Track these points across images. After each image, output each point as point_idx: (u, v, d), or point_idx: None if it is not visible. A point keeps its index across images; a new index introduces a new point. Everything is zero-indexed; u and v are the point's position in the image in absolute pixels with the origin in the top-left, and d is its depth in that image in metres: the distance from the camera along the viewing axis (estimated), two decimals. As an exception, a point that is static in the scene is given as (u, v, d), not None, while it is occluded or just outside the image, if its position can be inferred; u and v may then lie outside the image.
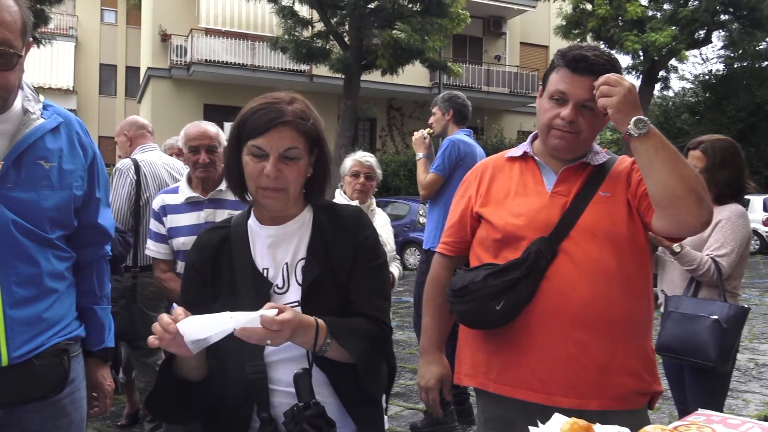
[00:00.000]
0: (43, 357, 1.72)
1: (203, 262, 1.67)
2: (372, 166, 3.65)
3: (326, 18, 15.32)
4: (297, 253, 1.63)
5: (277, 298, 1.59)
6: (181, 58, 19.76)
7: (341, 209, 1.70)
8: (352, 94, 15.56)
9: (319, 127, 1.61)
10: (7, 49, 1.57)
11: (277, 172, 1.53)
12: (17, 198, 1.67)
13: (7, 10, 1.56)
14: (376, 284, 1.65)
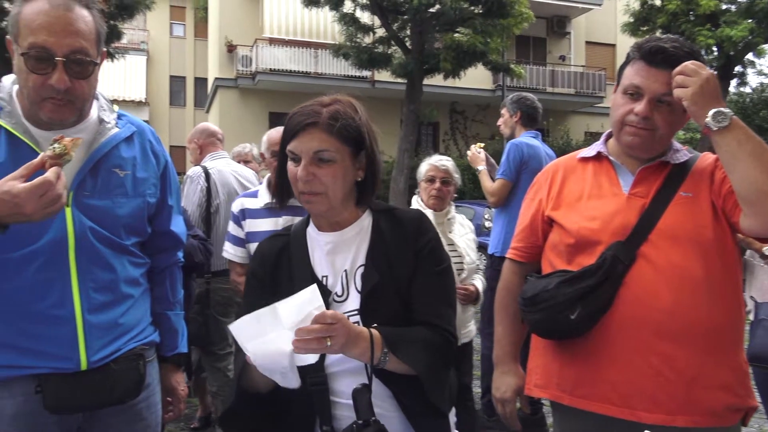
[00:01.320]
0: (120, 362, 1.75)
1: (263, 270, 1.65)
2: (449, 170, 3.48)
3: (387, 23, 15.35)
4: (356, 259, 1.59)
5: (336, 307, 1.55)
6: (246, 68, 20.18)
7: (401, 213, 1.65)
8: (415, 99, 15.52)
9: (360, 129, 1.54)
10: (83, 57, 1.61)
11: (310, 175, 1.49)
12: (94, 206, 1.70)
13: (83, 19, 1.61)
14: (438, 290, 1.58)
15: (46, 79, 1.58)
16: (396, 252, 1.57)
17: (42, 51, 1.56)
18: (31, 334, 1.65)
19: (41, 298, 1.64)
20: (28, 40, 1.56)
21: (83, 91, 1.66)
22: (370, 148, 1.57)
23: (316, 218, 1.63)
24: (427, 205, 3.43)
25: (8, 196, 1.44)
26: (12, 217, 1.47)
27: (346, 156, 1.52)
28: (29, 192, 1.44)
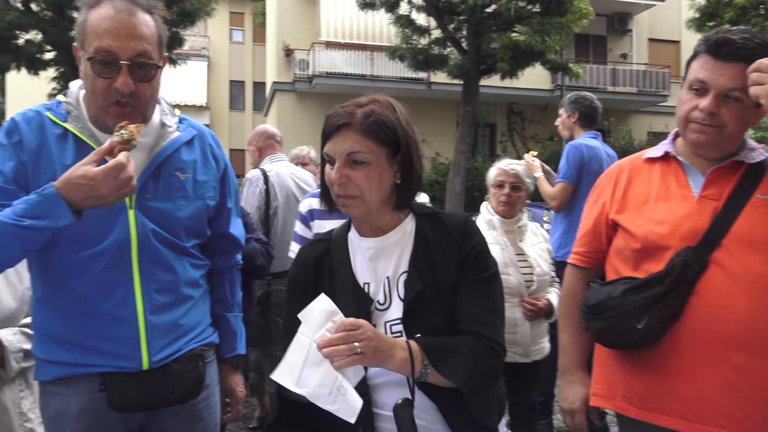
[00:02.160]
0: (180, 362, 1.78)
1: (305, 276, 1.62)
2: (518, 174, 3.27)
3: (443, 25, 15.27)
4: (399, 266, 1.54)
5: (378, 315, 1.51)
6: (303, 72, 20.41)
7: (445, 217, 1.58)
8: (471, 100, 15.39)
9: (396, 129, 1.48)
10: (147, 60, 1.65)
11: (344, 177, 1.46)
12: (155, 208, 1.73)
13: (145, 24, 1.66)
14: (484, 298, 1.51)
15: (112, 82, 1.62)
16: (440, 258, 1.51)
17: (107, 55, 1.61)
18: (96, 333, 1.69)
19: (105, 299, 1.68)
20: (94, 44, 1.61)
21: (146, 94, 1.69)
22: (407, 149, 1.50)
23: (357, 223, 1.60)
24: (496, 212, 3.26)
25: (84, 179, 1.49)
26: (88, 201, 1.52)
27: (381, 157, 1.47)
28: (104, 174, 1.49)
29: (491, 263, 1.56)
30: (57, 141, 1.68)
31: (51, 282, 1.72)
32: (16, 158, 1.63)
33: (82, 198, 1.51)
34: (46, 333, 1.73)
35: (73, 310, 1.69)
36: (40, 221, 1.49)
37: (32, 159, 1.65)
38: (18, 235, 1.50)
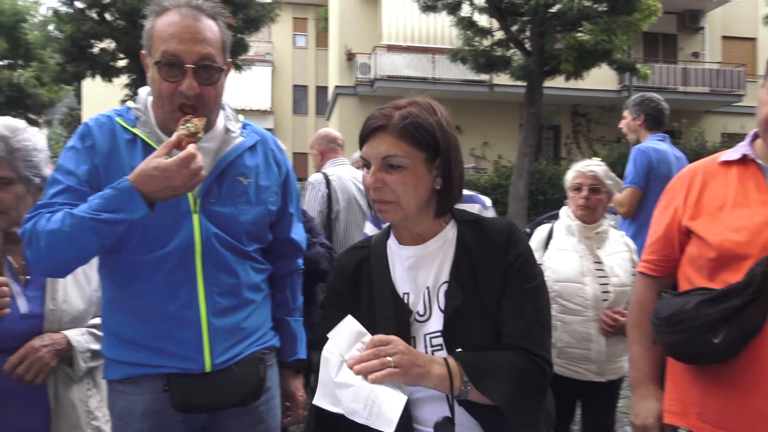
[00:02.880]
0: (241, 365, 1.79)
1: (342, 285, 1.58)
2: (597, 176, 3.06)
3: (506, 26, 15.07)
4: (439, 275, 1.48)
5: (418, 327, 1.46)
6: (365, 76, 20.51)
7: (489, 224, 1.51)
8: (535, 102, 15.13)
9: (435, 132, 1.42)
10: (211, 63, 1.68)
11: (379, 182, 1.42)
12: (219, 212, 1.76)
13: (209, 29, 1.70)
14: (529, 310, 1.43)
15: (177, 86, 1.66)
16: (483, 268, 1.45)
17: (173, 58, 1.65)
18: (161, 334, 1.72)
19: (170, 300, 1.72)
20: (160, 49, 1.65)
21: (211, 98, 1.72)
22: (446, 153, 1.44)
23: (397, 229, 1.55)
24: (575, 217, 3.07)
25: (157, 171, 1.54)
26: (161, 192, 1.57)
27: (419, 162, 1.42)
28: (177, 164, 1.54)
29: (537, 273, 1.48)
30: (126, 145, 1.73)
31: (119, 283, 1.77)
32: (89, 161, 1.69)
33: (155, 189, 1.55)
34: (114, 333, 1.78)
35: (140, 311, 1.73)
36: (116, 214, 1.54)
37: (104, 162, 1.70)
38: (94, 229, 1.54)
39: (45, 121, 28.21)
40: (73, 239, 1.55)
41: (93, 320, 2.06)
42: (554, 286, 2.91)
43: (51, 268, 1.65)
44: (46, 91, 23.19)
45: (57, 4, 16.86)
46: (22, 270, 1.95)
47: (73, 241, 1.56)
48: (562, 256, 2.99)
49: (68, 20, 16.33)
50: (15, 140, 1.88)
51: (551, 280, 2.93)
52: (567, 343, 2.90)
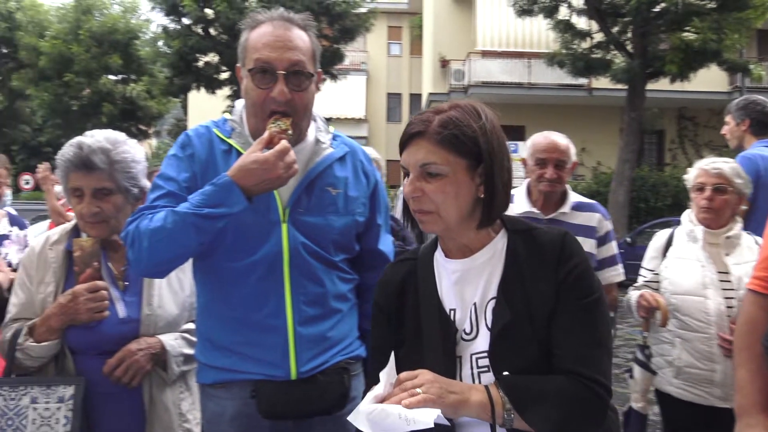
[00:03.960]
0: (327, 374, 1.79)
1: (386, 300, 1.50)
2: (724, 174, 2.73)
3: (606, 27, 14.58)
4: (487, 291, 1.37)
5: (464, 346, 1.37)
6: (459, 82, 20.44)
7: (540, 234, 1.39)
8: (637, 105, 14.53)
9: (478, 139, 1.32)
10: (301, 70, 1.72)
11: (417, 191, 1.34)
12: (307, 222, 1.78)
13: (300, 38, 1.75)
14: (584, 329, 1.30)
15: (269, 92, 1.71)
16: (533, 282, 1.33)
17: (265, 65, 1.70)
18: (249, 341, 1.76)
19: (259, 308, 1.75)
20: (253, 58, 1.72)
21: (301, 104, 1.75)
22: (489, 160, 1.33)
23: (443, 241, 1.45)
24: (697, 221, 2.80)
25: (256, 164, 1.60)
26: (259, 185, 1.62)
27: (459, 169, 1.33)
28: (275, 156, 1.60)
29: (594, 287, 1.34)
30: (222, 155, 1.78)
31: (211, 290, 1.82)
32: (189, 169, 1.76)
33: (254, 183, 1.61)
34: (206, 338, 1.83)
35: (230, 317, 1.77)
36: (217, 209, 1.60)
37: (201, 171, 1.76)
38: (195, 225, 1.60)
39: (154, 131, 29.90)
40: (174, 236, 1.61)
41: (186, 325, 2.12)
42: (672, 299, 2.71)
43: (152, 267, 1.71)
44: (155, 103, 24.56)
45: (166, 21, 17.87)
46: (120, 276, 2.04)
47: (174, 239, 1.61)
48: (681, 266, 2.76)
49: (176, 36, 17.26)
50: (115, 152, 1.97)
51: (668, 293, 2.74)
52: (687, 363, 2.67)
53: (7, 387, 1.85)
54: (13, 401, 1.84)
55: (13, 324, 1.97)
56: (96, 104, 22.77)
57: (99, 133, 2.01)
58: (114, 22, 22.87)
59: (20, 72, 22.99)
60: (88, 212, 1.95)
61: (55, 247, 2.02)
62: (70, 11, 23.08)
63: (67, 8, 23.35)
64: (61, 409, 1.85)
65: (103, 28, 22.60)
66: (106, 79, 22.99)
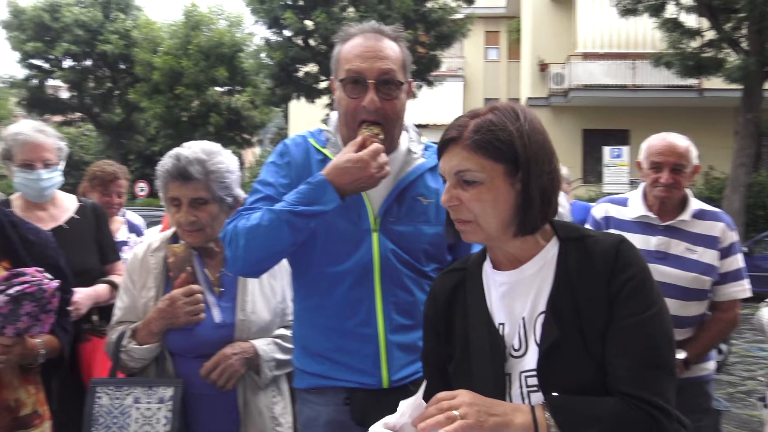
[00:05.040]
0: (418, 384, 1.75)
1: (434, 312, 1.43)
2: None
3: (718, 25, 13.77)
4: (536, 304, 1.29)
5: (513, 363, 1.28)
6: (558, 86, 19.95)
7: (593, 242, 1.29)
8: (754, 106, 13.61)
9: (515, 142, 1.24)
10: (391, 78, 1.75)
11: (454, 200, 1.27)
12: (398, 231, 1.79)
13: (390, 48, 1.78)
14: (641, 347, 1.20)
15: (360, 102, 1.73)
16: (584, 295, 1.24)
17: (356, 75, 1.74)
18: (342, 348, 1.78)
19: (351, 316, 1.77)
20: (345, 68, 1.76)
21: (392, 112, 1.77)
22: (526, 164, 1.25)
23: (491, 250, 1.37)
24: None
25: (350, 162, 1.65)
26: (353, 183, 1.67)
27: (496, 176, 1.25)
28: (369, 155, 1.65)
29: (653, 300, 1.23)
30: (317, 165, 1.82)
31: (305, 297, 1.86)
32: (287, 176, 1.82)
33: (348, 181, 1.65)
34: (302, 345, 1.87)
35: (324, 324, 1.81)
36: (311, 207, 1.65)
37: (297, 178, 1.80)
38: (290, 222, 1.64)
39: (257, 140, 31.02)
40: (269, 234, 1.66)
41: (278, 331, 2.16)
42: None
43: (247, 266, 1.75)
44: (258, 113, 25.47)
45: (268, 33, 18.52)
46: (216, 282, 2.10)
47: (269, 236, 1.66)
48: None
49: (277, 48, 17.84)
50: (210, 163, 2.03)
51: None
52: None
53: (112, 387, 1.95)
54: (117, 400, 1.93)
55: (118, 326, 2.07)
56: (204, 115, 23.90)
57: (195, 145, 2.08)
58: (220, 36, 23.93)
59: (136, 86, 24.49)
60: (185, 221, 2.03)
61: (155, 254, 2.12)
62: (180, 27, 24.37)
63: (177, 25, 24.67)
64: (162, 409, 1.92)
65: (210, 42, 23.70)
66: (213, 91, 24.08)
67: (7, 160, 2.57)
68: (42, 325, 1.84)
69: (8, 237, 1.94)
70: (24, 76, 26.41)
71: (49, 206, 2.65)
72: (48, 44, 25.03)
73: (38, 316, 1.80)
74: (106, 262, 2.72)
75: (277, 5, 17.33)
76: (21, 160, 2.52)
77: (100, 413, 1.92)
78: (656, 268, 2.49)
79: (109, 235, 2.86)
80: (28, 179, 2.53)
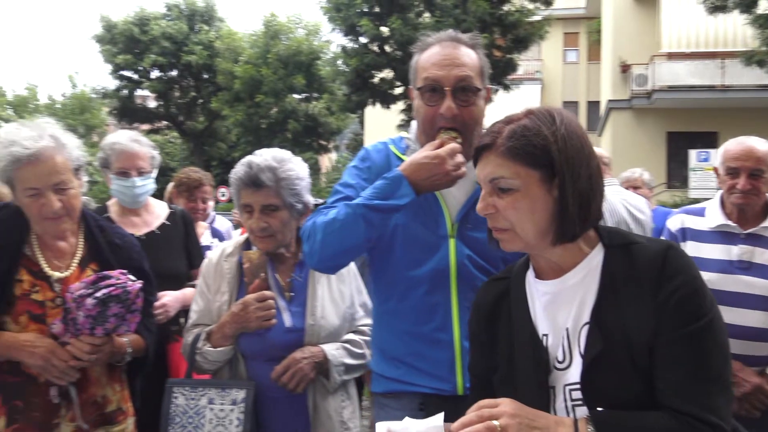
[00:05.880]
0: None
1: (477, 323, 1.41)
2: None
3: (817, 20, 12.96)
4: (580, 315, 1.24)
5: (557, 376, 1.24)
6: (641, 87, 19.28)
7: (640, 249, 1.23)
8: None
9: (550, 147, 1.20)
10: (468, 85, 1.77)
11: (489, 207, 1.25)
12: (475, 237, 1.80)
13: (467, 55, 1.80)
14: (691, 360, 1.13)
15: (437, 109, 1.76)
16: (630, 305, 1.18)
17: (433, 83, 1.77)
18: (419, 353, 1.81)
19: (427, 321, 1.80)
20: (422, 77, 1.79)
21: (469, 118, 1.78)
22: (561, 169, 1.20)
23: (533, 259, 1.33)
24: None
25: (428, 158, 1.68)
26: (428, 180, 1.68)
27: (532, 182, 1.21)
28: (447, 152, 1.68)
29: (705, 310, 1.16)
30: None
31: (383, 301, 1.90)
32: (368, 180, 1.86)
33: (424, 177, 1.68)
34: (379, 349, 1.92)
35: (400, 329, 1.84)
36: (386, 201, 1.68)
37: None
38: (365, 216, 1.68)
39: (333, 146, 31.52)
40: (345, 228, 1.70)
41: (347, 335, 2.18)
42: None
43: (323, 261, 1.80)
44: (334, 119, 25.90)
45: (345, 41, 18.79)
46: (287, 287, 2.14)
47: (345, 230, 1.71)
48: None
49: (353, 55, 18.05)
50: (281, 170, 2.07)
51: None
52: None
53: (188, 387, 2.01)
54: (193, 401, 1.99)
55: (193, 329, 2.14)
56: (282, 122, 24.49)
57: (267, 152, 2.13)
58: (298, 44, 24.49)
59: (218, 95, 25.38)
60: (257, 227, 2.07)
61: (229, 259, 2.17)
62: (260, 37, 25.10)
63: (257, 34, 25.42)
64: (234, 410, 1.97)
65: (288, 50, 24.29)
66: (291, 98, 24.65)
67: (105, 168, 2.72)
68: (128, 324, 1.92)
69: (96, 241, 2.05)
70: (115, 87, 27.84)
71: (143, 212, 2.78)
72: (137, 56, 26.30)
73: (124, 316, 1.89)
74: (193, 267, 2.81)
75: (353, 13, 17.55)
76: (117, 168, 2.67)
77: (177, 413, 1.99)
78: (740, 278, 2.40)
79: (197, 241, 2.97)
80: (124, 186, 2.67)
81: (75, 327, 1.84)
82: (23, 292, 1.91)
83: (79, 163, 1.97)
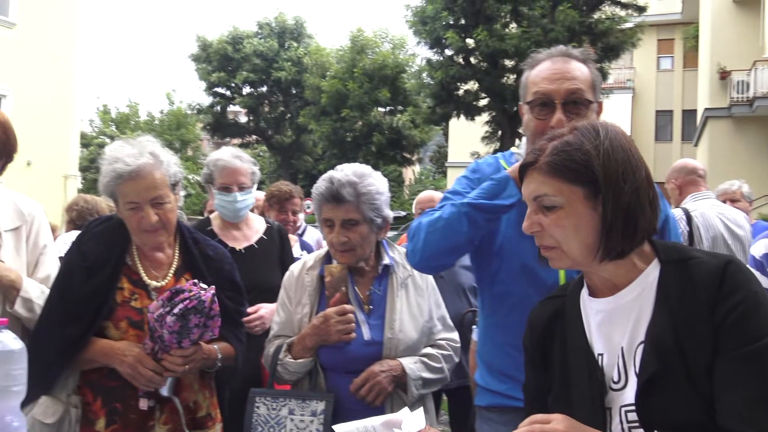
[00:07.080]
0: None
1: (531, 342, 1.38)
2: None
3: None
4: (635, 334, 1.20)
5: (613, 397, 1.20)
6: (742, 95, 18.30)
7: (696, 264, 1.17)
8: None
9: (592, 162, 1.18)
10: (579, 97, 1.76)
11: (535, 225, 1.24)
12: None
13: (579, 69, 1.80)
14: (751, 381, 1.07)
15: (547, 122, 1.75)
16: (687, 324, 1.13)
17: (543, 97, 1.77)
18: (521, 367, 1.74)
19: None
20: (533, 91, 1.80)
21: None
22: (604, 184, 1.17)
23: (587, 276, 1.29)
24: None
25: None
26: None
27: (576, 199, 1.19)
28: None
29: (763, 330, 1.09)
30: None
31: (490, 314, 1.93)
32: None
33: None
34: (485, 362, 1.94)
35: (505, 343, 1.85)
36: (491, 201, 1.71)
37: None
38: (469, 215, 1.71)
39: (417, 158, 31.61)
40: (449, 226, 1.73)
41: (425, 349, 2.17)
42: None
43: (424, 259, 1.82)
44: (418, 132, 26.01)
45: (430, 54, 18.88)
46: (366, 300, 2.16)
47: (448, 228, 1.74)
48: None
49: (438, 67, 18.12)
50: (362, 185, 2.10)
51: None
52: None
53: (269, 397, 2.05)
54: (274, 411, 2.03)
55: (275, 340, 2.19)
56: (367, 135, 24.84)
57: (348, 167, 2.16)
58: (384, 58, 24.80)
59: (305, 109, 26.06)
60: (338, 241, 2.10)
61: (310, 272, 2.21)
62: (347, 52, 25.60)
63: (344, 49, 25.94)
64: (314, 422, 1.98)
65: (374, 65, 24.64)
66: (376, 111, 24.99)
67: (209, 183, 2.86)
68: (211, 329, 1.98)
69: (191, 252, 2.14)
70: (209, 103, 29.12)
71: (243, 226, 2.90)
72: (230, 73, 27.44)
73: (206, 323, 1.95)
74: None
75: (439, 25, 17.63)
76: (220, 184, 2.80)
77: (258, 422, 2.02)
78: None
79: (291, 254, 3.04)
80: (226, 201, 2.79)
81: (163, 344, 1.92)
82: (124, 299, 2.02)
83: (177, 179, 2.07)
